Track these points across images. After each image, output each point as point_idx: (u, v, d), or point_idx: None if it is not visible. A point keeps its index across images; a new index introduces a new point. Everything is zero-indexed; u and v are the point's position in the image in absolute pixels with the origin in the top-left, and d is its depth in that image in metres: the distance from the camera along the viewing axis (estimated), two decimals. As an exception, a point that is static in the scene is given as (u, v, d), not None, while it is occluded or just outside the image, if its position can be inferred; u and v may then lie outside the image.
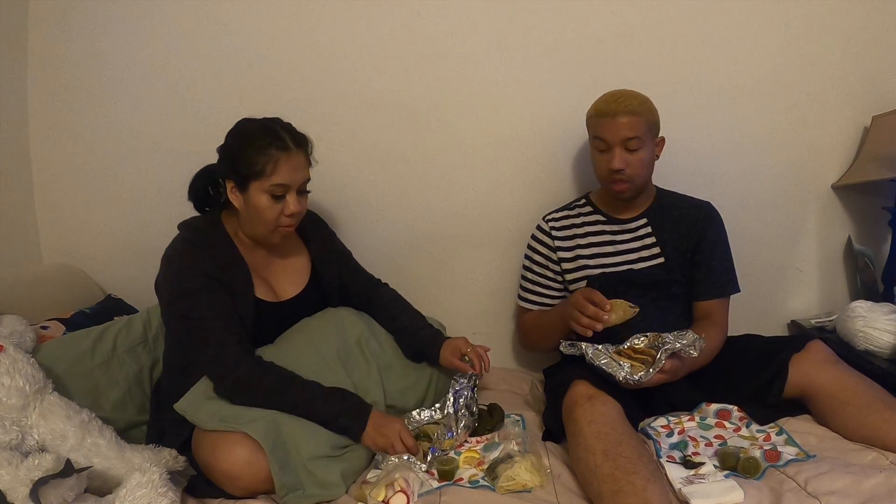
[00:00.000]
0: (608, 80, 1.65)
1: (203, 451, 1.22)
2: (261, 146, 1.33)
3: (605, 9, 1.82)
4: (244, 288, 1.37)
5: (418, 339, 1.53)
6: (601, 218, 1.68)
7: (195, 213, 1.48)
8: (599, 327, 1.39)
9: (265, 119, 1.40)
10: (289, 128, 1.40)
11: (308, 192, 1.43)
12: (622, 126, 1.51)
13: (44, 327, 1.46)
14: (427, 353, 1.53)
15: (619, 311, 1.40)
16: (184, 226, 1.42)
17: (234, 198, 1.38)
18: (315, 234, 1.58)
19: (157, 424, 1.39)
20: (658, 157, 1.62)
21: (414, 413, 1.44)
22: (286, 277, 1.50)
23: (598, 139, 1.56)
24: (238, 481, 1.18)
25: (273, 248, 1.48)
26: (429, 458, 1.30)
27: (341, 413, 1.29)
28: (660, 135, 1.61)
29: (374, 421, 1.30)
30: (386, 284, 1.68)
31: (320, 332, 1.44)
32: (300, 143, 1.39)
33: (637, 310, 1.42)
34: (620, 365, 1.38)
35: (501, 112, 1.87)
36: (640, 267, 1.61)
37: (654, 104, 1.59)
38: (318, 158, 1.45)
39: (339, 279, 1.58)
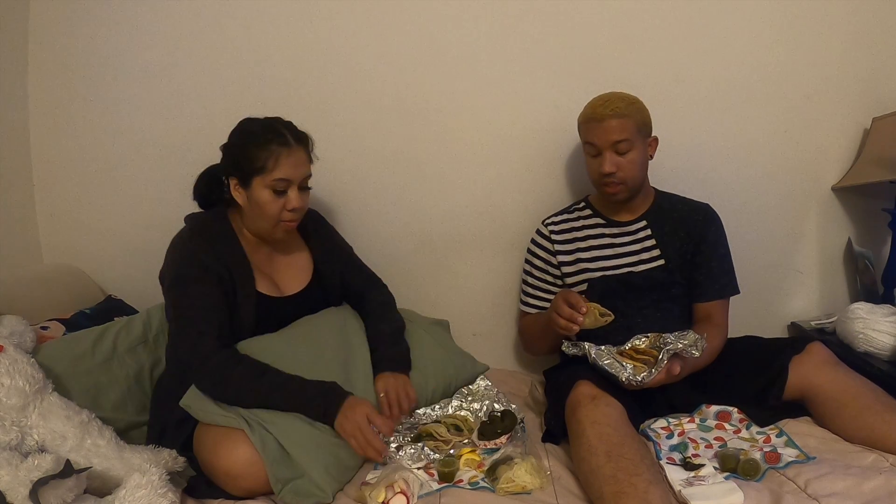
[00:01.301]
0: (607, 81, 1.65)
1: (205, 449, 1.23)
2: (262, 142, 1.37)
3: (605, 11, 1.82)
4: (245, 281, 1.39)
5: (374, 356, 1.46)
6: (601, 221, 1.68)
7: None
8: (576, 329, 1.41)
9: (267, 118, 1.44)
10: (289, 125, 1.43)
11: (309, 188, 1.46)
12: (610, 129, 1.51)
13: (44, 328, 1.46)
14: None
15: (591, 316, 1.41)
16: (190, 218, 1.45)
17: (238, 194, 1.41)
18: (316, 232, 1.60)
19: (158, 422, 1.38)
20: (652, 157, 1.62)
21: (417, 412, 1.44)
22: (289, 274, 1.51)
23: (588, 144, 1.58)
24: (239, 481, 1.18)
25: (276, 246, 1.51)
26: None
27: (316, 397, 1.27)
28: (653, 134, 1.61)
29: (346, 406, 1.26)
30: (382, 287, 1.66)
31: (320, 329, 1.45)
32: (300, 139, 1.42)
33: (610, 318, 1.42)
34: (623, 366, 1.38)
35: (501, 114, 1.87)
36: (641, 269, 1.61)
37: (653, 105, 1.59)
38: (318, 157, 1.47)
39: (341, 277, 1.59)
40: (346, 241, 1.67)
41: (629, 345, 1.46)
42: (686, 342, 1.38)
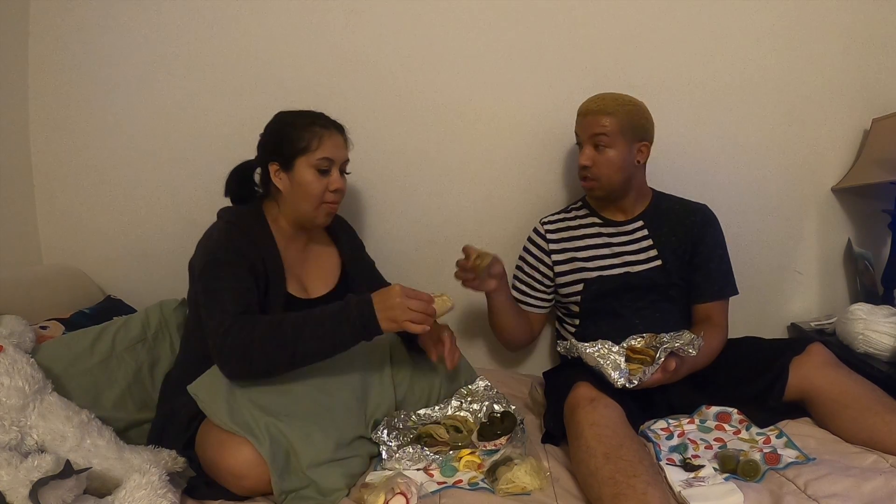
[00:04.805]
0: (608, 82, 1.65)
1: (209, 447, 1.21)
2: (304, 124, 1.41)
3: (606, 13, 1.83)
4: (277, 280, 1.38)
5: None
6: (597, 220, 1.68)
7: (196, 215, 1.47)
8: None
9: (301, 110, 1.48)
10: (324, 114, 1.48)
11: (348, 172, 1.48)
12: (592, 123, 1.55)
13: (43, 327, 1.46)
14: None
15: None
16: (225, 211, 1.45)
17: (279, 179, 1.42)
18: (346, 236, 1.61)
19: (163, 418, 1.37)
20: (640, 162, 1.60)
21: (413, 415, 1.44)
22: (317, 275, 1.51)
23: (576, 135, 1.62)
24: (243, 481, 1.17)
25: (308, 242, 1.51)
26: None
27: (344, 313, 1.23)
28: (647, 141, 1.59)
29: (379, 306, 1.24)
30: None
31: None
32: (338, 126, 1.47)
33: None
34: (618, 366, 1.38)
35: (500, 116, 1.88)
36: (637, 270, 1.61)
37: (653, 106, 1.59)
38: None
39: (367, 283, 1.55)
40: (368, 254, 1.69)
41: (625, 344, 1.46)
42: (682, 341, 1.38)
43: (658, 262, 1.61)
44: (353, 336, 1.25)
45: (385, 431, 1.36)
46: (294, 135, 1.40)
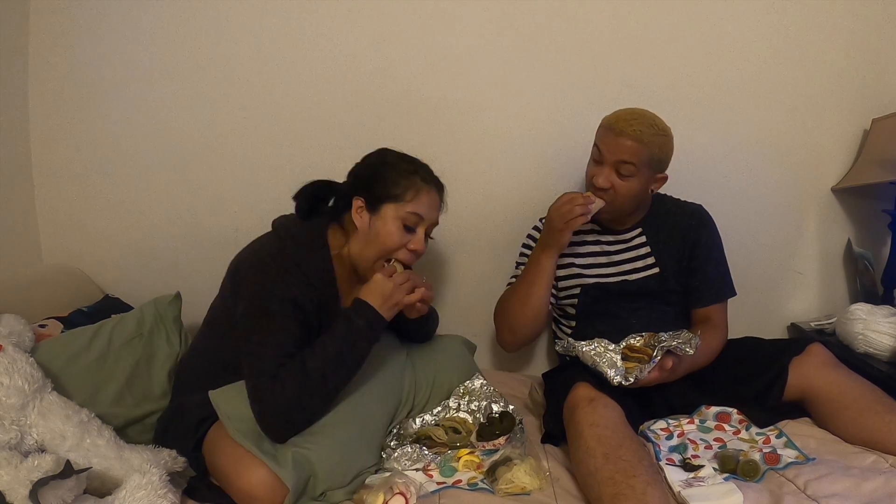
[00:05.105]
0: (608, 83, 1.65)
1: (222, 458, 1.19)
2: (406, 171, 1.34)
3: (606, 14, 1.82)
4: (328, 322, 1.30)
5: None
6: (596, 227, 1.67)
7: (196, 215, 1.44)
8: (593, 208, 1.47)
9: (407, 154, 1.42)
10: (429, 167, 1.41)
11: (432, 237, 1.42)
12: (621, 148, 1.46)
13: (42, 325, 1.47)
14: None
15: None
16: (285, 231, 1.35)
17: (359, 217, 1.35)
18: None
19: (170, 411, 1.36)
20: (654, 191, 1.59)
21: (411, 422, 1.44)
22: None
23: (596, 147, 1.54)
24: (255, 502, 1.14)
25: (359, 280, 1.41)
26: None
27: (353, 323, 1.23)
28: (665, 172, 1.56)
29: (377, 301, 1.25)
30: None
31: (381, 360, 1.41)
32: (440, 185, 1.40)
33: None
34: (614, 364, 1.38)
35: (501, 116, 1.87)
36: (635, 278, 1.61)
37: (653, 107, 1.57)
38: (317, 162, 1.42)
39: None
40: None
41: (624, 343, 1.46)
42: (680, 340, 1.38)
43: (655, 270, 1.60)
44: (369, 343, 1.27)
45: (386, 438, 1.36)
46: (391, 177, 1.32)
